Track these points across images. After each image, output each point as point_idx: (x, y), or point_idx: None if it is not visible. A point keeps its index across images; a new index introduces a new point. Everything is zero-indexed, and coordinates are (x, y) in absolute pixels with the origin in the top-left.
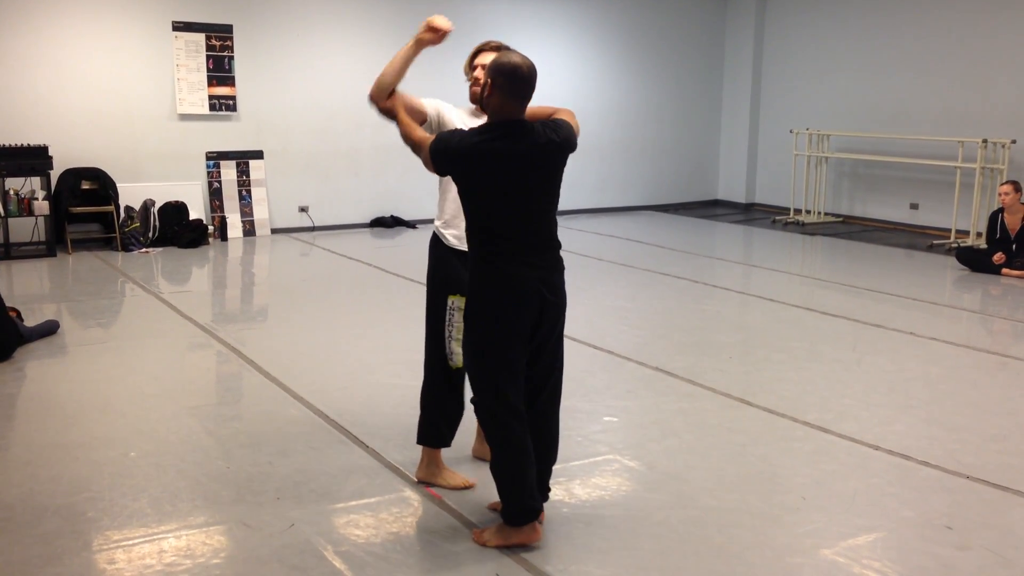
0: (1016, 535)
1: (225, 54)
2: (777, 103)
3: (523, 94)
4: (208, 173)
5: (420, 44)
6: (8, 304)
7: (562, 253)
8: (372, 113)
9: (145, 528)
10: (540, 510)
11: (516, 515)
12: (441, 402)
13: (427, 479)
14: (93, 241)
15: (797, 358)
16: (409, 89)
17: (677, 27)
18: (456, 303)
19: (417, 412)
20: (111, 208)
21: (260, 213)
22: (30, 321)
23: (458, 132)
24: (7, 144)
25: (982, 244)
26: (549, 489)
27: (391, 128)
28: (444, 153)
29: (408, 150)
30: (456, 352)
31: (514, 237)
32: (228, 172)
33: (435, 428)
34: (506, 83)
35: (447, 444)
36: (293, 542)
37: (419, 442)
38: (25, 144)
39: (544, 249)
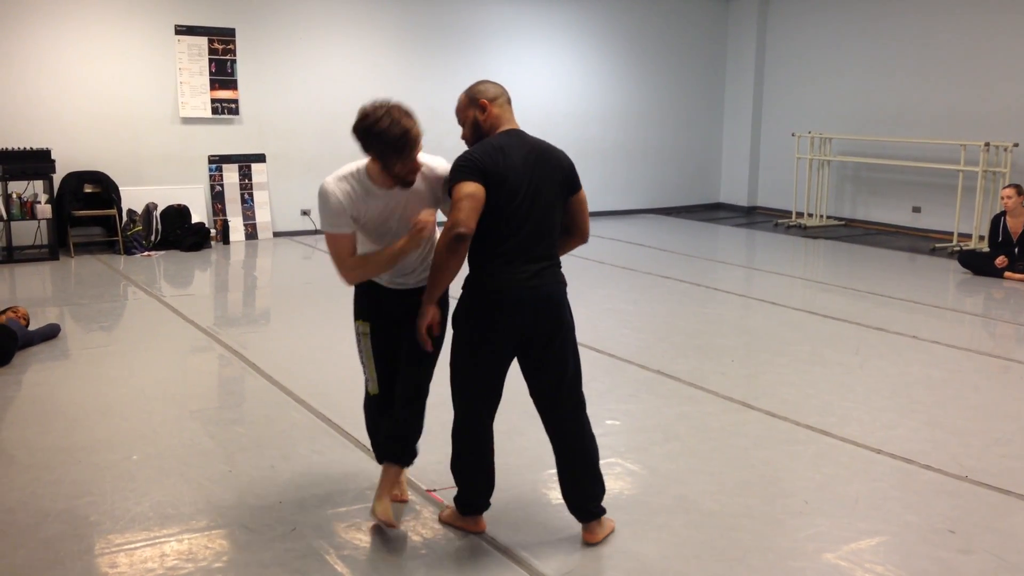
0: (1019, 539)
1: (227, 58)
2: (779, 106)
3: (510, 100)
4: (210, 176)
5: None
6: (13, 305)
7: (563, 256)
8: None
9: (147, 532)
10: (481, 508)
11: (459, 505)
12: (378, 426)
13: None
14: (95, 244)
15: (799, 361)
16: (397, 90)
17: (679, 31)
18: (360, 328)
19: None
20: (113, 211)
21: (262, 216)
22: (32, 325)
23: (472, 154)
24: (10, 147)
25: (984, 248)
26: (597, 511)
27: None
28: (477, 173)
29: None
30: (371, 378)
31: (512, 244)
32: (230, 175)
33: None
34: (500, 95)
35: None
36: (295, 546)
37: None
38: (28, 147)
39: (540, 260)
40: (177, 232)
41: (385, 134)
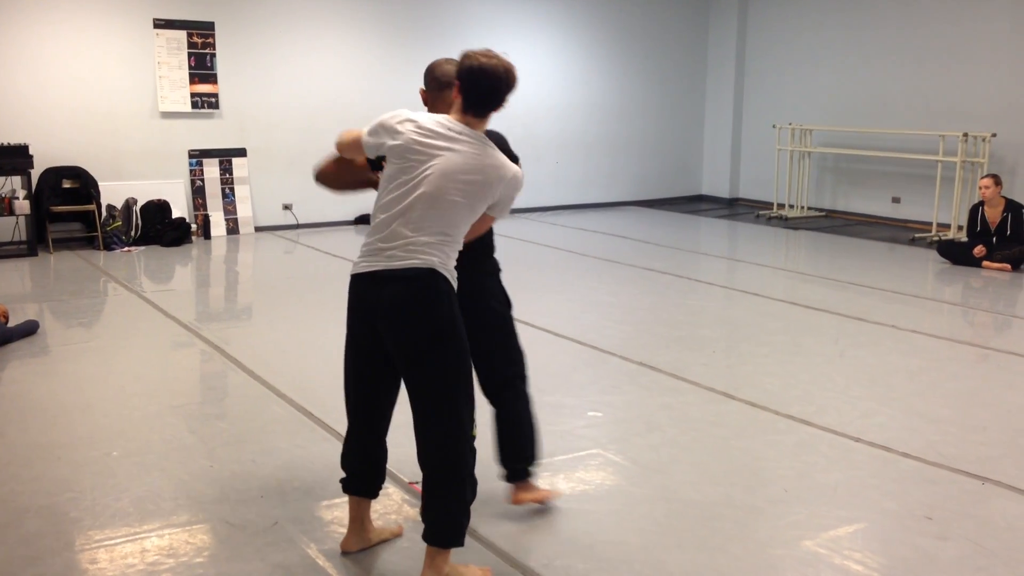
0: (995, 525)
1: (207, 51)
2: (760, 98)
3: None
4: (191, 171)
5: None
6: None
7: (546, 248)
8: (355, 110)
9: (127, 527)
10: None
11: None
12: None
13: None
14: (75, 240)
15: (780, 352)
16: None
17: (661, 23)
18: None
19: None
20: (93, 207)
21: (243, 211)
22: (10, 321)
23: None
24: None
25: (963, 237)
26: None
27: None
28: None
29: None
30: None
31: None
32: (211, 170)
33: None
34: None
35: None
36: (277, 540)
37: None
38: (5, 143)
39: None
40: (157, 227)
41: None
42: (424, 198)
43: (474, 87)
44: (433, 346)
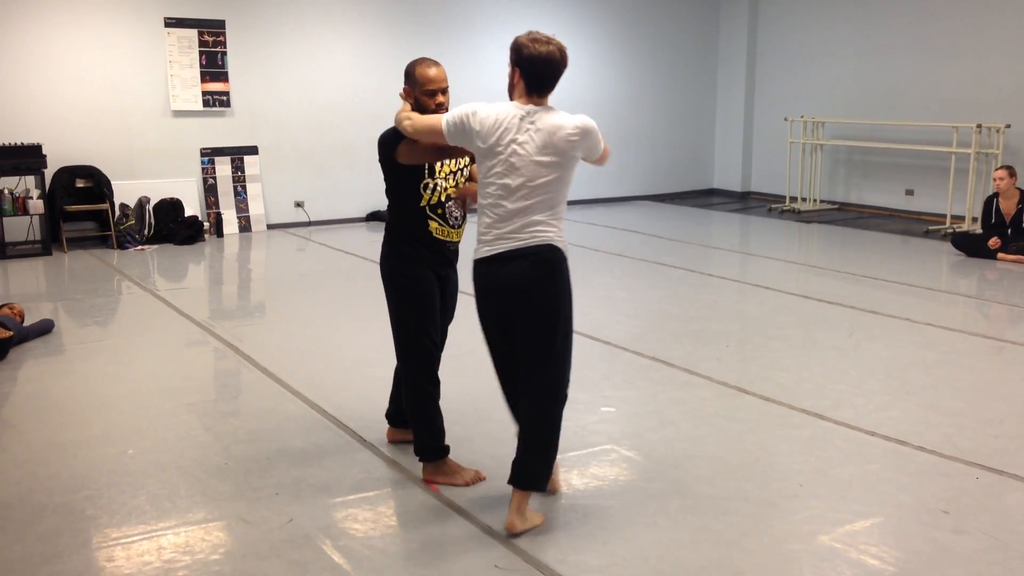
0: (1012, 518)
1: (218, 50)
2: (771, 91)
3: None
4: (203, 169)
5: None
6: (9, 302)
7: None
8: (366, 107)
9: (144, 525)
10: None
11: (424, 451)
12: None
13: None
14: (88, 239)
15: (793, 346)
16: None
17: (672, 16)
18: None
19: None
20: (106, 206)
21: (256, 209)
22: (25, 320)
23: None
24: (0, 143)
25: (977, 229)
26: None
27: (385, 121)
28: None
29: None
30: None
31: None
32: (223, 168)
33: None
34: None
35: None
36: (292, 537)
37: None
38: (19, 143)
39: None
40: (170, 226)
41: None
42: (522, 186)
43: (534, 72)
44: (554, 315)
